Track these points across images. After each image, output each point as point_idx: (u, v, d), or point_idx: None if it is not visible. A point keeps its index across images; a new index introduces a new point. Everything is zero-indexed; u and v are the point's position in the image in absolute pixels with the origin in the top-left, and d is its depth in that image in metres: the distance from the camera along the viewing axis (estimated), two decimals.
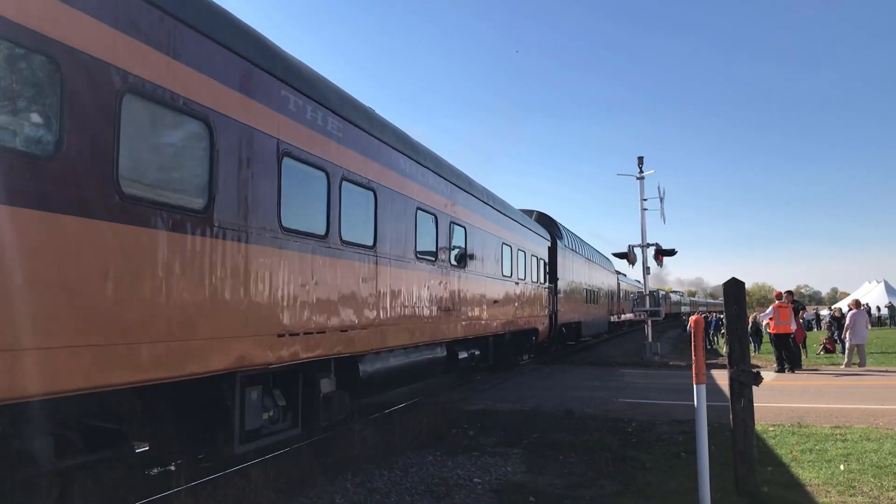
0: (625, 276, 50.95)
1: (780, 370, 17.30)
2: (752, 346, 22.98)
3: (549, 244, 21.71)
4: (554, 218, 25.45)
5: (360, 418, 8.80)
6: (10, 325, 4.03)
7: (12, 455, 4.53)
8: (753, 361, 10.07)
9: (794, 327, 18.07)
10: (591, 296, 31.12)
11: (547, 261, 20.98)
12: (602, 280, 35.69)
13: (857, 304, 20.37)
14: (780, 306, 17.37)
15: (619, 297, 44.11)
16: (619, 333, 44.81)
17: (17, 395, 4.10)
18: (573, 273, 25.92)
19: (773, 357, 18.14)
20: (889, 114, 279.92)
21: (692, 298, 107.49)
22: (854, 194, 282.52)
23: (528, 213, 22.79)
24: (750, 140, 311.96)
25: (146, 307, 4.93)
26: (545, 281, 20.30)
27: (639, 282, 51.46)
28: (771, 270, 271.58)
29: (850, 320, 18.97)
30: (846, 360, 19.05)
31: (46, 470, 4.65)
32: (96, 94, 4.66)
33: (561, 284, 22.93)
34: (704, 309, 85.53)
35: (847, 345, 19.30)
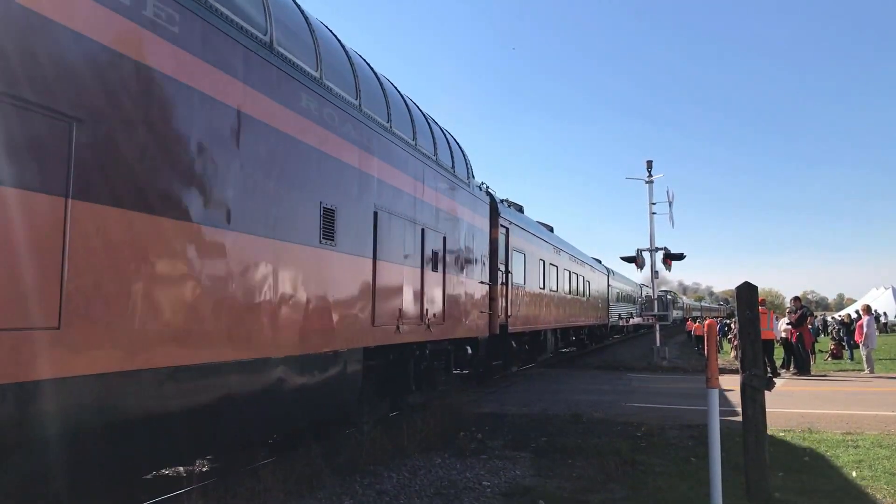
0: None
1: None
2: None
3: None
4: None
5: (368, 420, 8.78)
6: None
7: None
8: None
9: (775, 334, 18.09)
10: None
11: None
12: None
13: (867, 309, 20.24)
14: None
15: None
16: None
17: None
18: None
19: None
20: None
21: (689, 301, 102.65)
22: (861, 200, 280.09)
23: None
24: (756, 144, 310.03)
25: None
26: None
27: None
28: (777, 276, 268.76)
29: (869, 327, 18.88)
30: (867, 367, 18.77)
31: None
32: None
33: None
34: (699, 314, 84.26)
35: (864, 351, 19.17)
